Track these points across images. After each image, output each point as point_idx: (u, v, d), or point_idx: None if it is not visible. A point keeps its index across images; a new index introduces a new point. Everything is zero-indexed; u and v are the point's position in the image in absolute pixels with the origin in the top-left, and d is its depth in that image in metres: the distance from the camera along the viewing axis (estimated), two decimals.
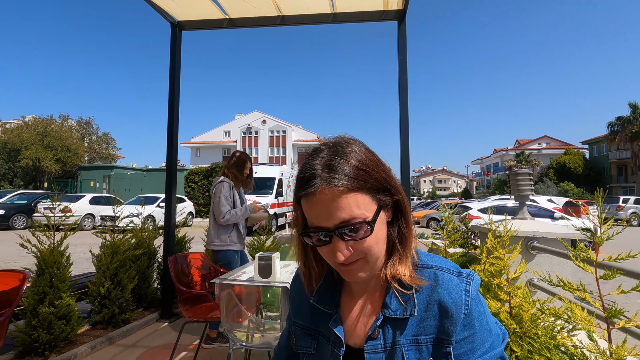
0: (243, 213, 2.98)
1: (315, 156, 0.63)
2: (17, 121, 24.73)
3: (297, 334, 0.76)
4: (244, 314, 2.20)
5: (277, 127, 41.87)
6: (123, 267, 3.33)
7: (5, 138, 22.45)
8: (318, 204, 0.60)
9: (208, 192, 18.80)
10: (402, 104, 3.35)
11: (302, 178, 0.62)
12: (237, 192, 3.10)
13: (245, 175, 3.15)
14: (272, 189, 13.58)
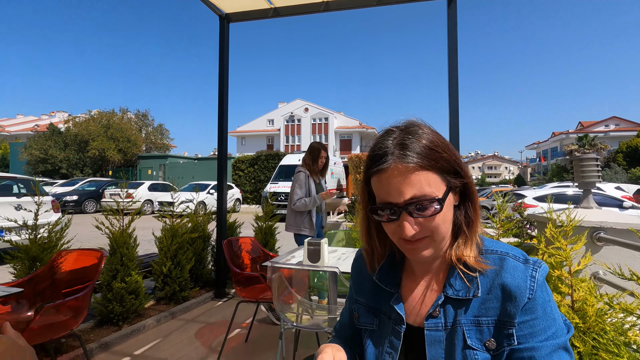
0: (312, 202, 3.11)
1: (387, 136, 0.65)
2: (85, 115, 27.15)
3: (359, 311, 0.80)
4: (294, 296, 2.29)
5: (319, 114, 41.93)
6: (181, 249, 3.60)
7: (76, 131, 24.82)
8: (389, 180, 0.62)
9: (254, 179, 19.50)
10: (452, 87, 3.20)
11: (375, 156, 0.65)
12: (315, 181, 3.25)
13: (319, 164, 3.25)
14: None
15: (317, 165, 3.25)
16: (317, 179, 3.30)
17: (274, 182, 13.65)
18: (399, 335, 0.69)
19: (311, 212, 3.21)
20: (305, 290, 2.65)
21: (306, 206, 3.12)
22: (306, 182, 3.17)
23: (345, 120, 42.63)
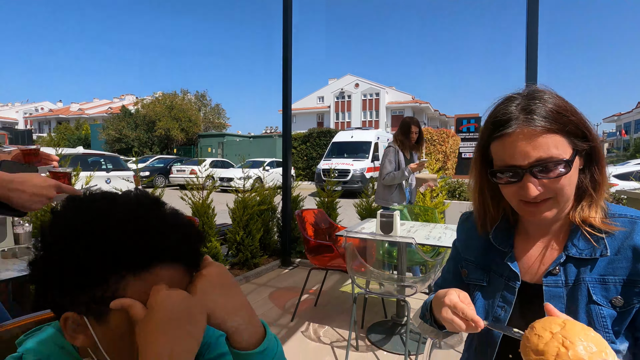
0: (400, 175, 3.11)
1: (510, 102, 0.69)
2: (150, 97, 29.27)
3: (468, 268, 0.86)
4: (365, 265, 2.41)
5: (370, 89, 40.92)
6: (252, 219, 3.89)
7: (144, 112, 26.96)
8: (514, 144, 0.66)
9: (306, 157, 19.84)
10: (531, 52, 2.98)
11: (497, 121, 0.68)
12: (406, 157, 3.26)
13: (412, 139, 3.23)
14: (369, 153, 13.62)
15: (409, 140, 3.22)
16: (409, 154, 3.30)
17: (326, 159, 13.81)
18: (513, 291, 0.75)
19: (401, 185, 3.23)
20: (373, 261, 2.76)
21: (394, 179, 3.14)
22: (396, 156, 3.19)
23: (397, 95, 41.18)
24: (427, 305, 0.87)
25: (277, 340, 0.57)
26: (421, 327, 0.94)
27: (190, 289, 0.50)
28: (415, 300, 2.86)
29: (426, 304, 0.88)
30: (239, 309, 0.53)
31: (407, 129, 3.22)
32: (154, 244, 0.47)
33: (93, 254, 0.45)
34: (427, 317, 0.87)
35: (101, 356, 0.49)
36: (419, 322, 0.94)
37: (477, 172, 0.79)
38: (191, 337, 0.45)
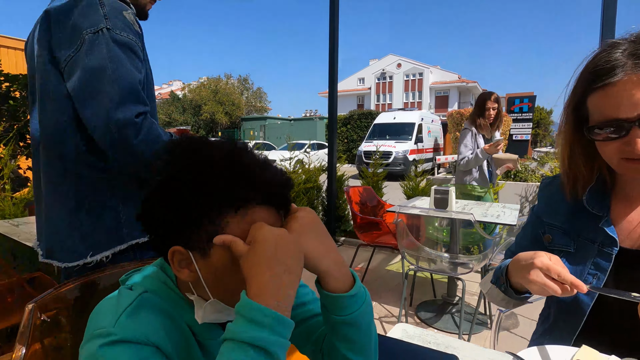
0: (475, 159, 2.86)
1: (614, 49, 0.62)
2: (196, 82, 30.39)
3: (553, 233, 0.81)
4: (415, 242, 2.37)
5: (413, 69, 39.35)
6: (298, 197, 3.96)
7: (191, 97, 28.12)
8: (619, 94, 0.60)
9: (347, 139, 19.71)
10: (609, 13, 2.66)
11: (599, 71, 0.62)
12: (486, 137, 2.99)
13: (487, 117, 2.88)
14: (412, 134, 13.23)
15: (485, 118, 2.87)
16: (488, 133, 2.98)
17: (368, 141, 13.62)
18: (609, 258, 0.69)
19: (481, 169, 2.95)
20: (424, 239, 2.70)
21: (468, 164, 2.89)
22: (472, 139, 2.90)
23: (441, 75, 39.27)
24: (502, 269, 0.83)
25: (366, 291, 0.57)
26: (490, 294, 0.90)
27: (287, 229, 0.50)
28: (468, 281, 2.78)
29: (501, 269, 0.84)
30: (330, 251, 0.53)
31: (482, 105, 2.87)
32: (251, 184, 0.48)
33: (198, 193, 0.47)
34: (501, 282, 0.82)
35: (200, 291, 0.52)
36: (488, 288, 0.90)
37: (568, 132, 0.73)
38: (293, 272, 0.46)
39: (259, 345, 0.39)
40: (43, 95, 0.99)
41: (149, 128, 0.92)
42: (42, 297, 0.80)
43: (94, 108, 0.89)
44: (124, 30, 0.93)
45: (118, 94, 0.88)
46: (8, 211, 2.05)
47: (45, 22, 0.95)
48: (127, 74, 0.90)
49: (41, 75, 0.98)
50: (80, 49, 0.90)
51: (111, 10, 0.92)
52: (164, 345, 0.47)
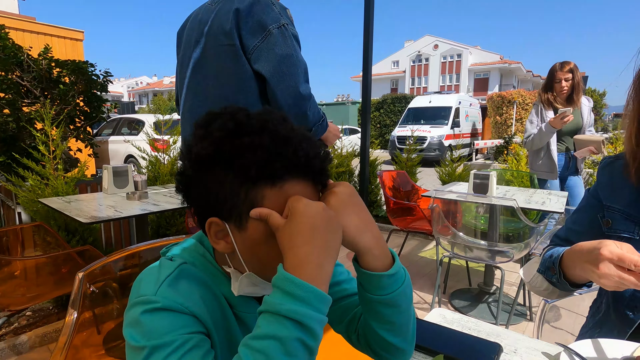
0: (539, 135, 2.49)
1: None
2: None
3: (613, 217, 0.74)
4: (450, 228, 2.29)
5: (451, 50, 37.54)
6: None
7: None
8: None
9: (379, 124, 19.33)
10: None
11: None
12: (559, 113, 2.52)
13: (558, 90, 2.47)
14: (448, 119, 12.70)
15: (554, 92, 2.48)
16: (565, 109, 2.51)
17: (401, 126, 13.27)
18: None
19: (550, 150, 2.55)
20: (460, 225, 2.61)
21: (533, 142, 2.56)
22: (539, 114, 2.55)
23: (482, 56, 37.18)
24: (555, 259, 0.76)
25: (406, 272, 0.55)
26: (532, 283, 0.85)
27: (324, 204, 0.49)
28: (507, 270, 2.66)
29: (552, 258, 0.77)
30: (370, 228, 0.51)
31: (550, 77, 2.47)
32: (288, 155, 0.47)
33: (234, 165, 0.46)
34: (552, 273, 0.76)
35: (236, 263, 0.52)
36: (532, 277, 0.84)
37: (636, 106, 0.66)
38: (330, 246, 0.45)
39: (296, 319, 0.39)
40: (219, 74, 1.22)
41: (314, 103, 1.25)
42: (91, 267, 0.85)
43: (286, 86, 1.15)
44: (291, 24, 1.22)
45: (301, 75, 1.17)
46: (61, 189, 2.21)
47: (235, 18, 1.17)
48: (301, 59, 1.20)
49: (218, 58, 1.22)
50: (266, 39, 1.15)
51: (280, 9, 1.20)
52: (202, 315, 0.48)
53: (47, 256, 1.77)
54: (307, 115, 1.22)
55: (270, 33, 1.15)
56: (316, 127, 1.29)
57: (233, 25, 1.17)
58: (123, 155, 7.16)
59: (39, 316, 2.10)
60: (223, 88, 1.22)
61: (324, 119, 1.33)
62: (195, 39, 1.27)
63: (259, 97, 1.22)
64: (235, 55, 1.18)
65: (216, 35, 1.21)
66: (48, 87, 3.38)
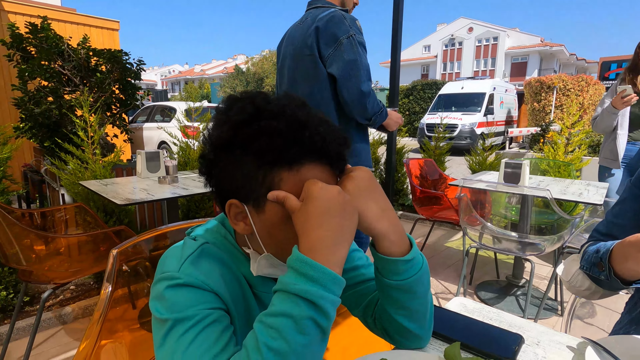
0: (602, 118, 2.26)
1: None
2: (259, 55, 30.97)
3: None
4: (479, 219, 2.22)
5: (487, 33, 35.68)
6: None
7: (254, 70, 28.85)
8: None
9: (408, 111, 18.85)
10: None
11: None
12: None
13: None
14: (481, 106, 12.16)
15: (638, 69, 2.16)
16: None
17: (431, 113, 12.86)
18: None
19: (616, 135, 2.27)
20: (489, 215, 2.53)
21: (596, 124, 2.32)
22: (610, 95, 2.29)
23: (520, 39, 35.10)
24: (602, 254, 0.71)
25: (424, 258, 0.54)
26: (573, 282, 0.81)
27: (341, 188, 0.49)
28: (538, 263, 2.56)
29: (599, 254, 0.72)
30: (387, 213, 0.51)
31: (636, 54, 2.15)
32: (305, 139, 0.47)
33: (252, 148, 0.47)
34: (600, 269, 0.71)
35: (255, 244, 0.53)
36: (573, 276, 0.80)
37: None
38: (345, 230, 0.45)
39: (309, 299, 0.39)
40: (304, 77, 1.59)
41: (374, 97, 1.54)
42: (124, 245, 0.90)
43: (350, 85, 1.47)
44: (359, 33, 1.52)
45: (363, 76, 1.48)
46: (99, 173, 2.33)
47: (315, 34, 1.51)
48: (365, 62, 1.50)
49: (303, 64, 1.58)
50: (338, 48, 1.48)
51: (350, 21, 1.51)
52: (222, 292, 0.50)
53: (87, 234, 1.89)
54: (367, 108, 1.51)
55: (341, 43, 1.48)
56: (375, 116, 1.57)
57: (314, 40, 1.52)
58: (156, 141, 7.44)
59: (81, 290, 2.26)
60: (308, 87, 1.58)
61: (382, 110, 1.59)
62: (289, 52, 1.66)
63: (332, 93, 1.55)
64: (314, 63, 1.55)
65: (302, 48, 1.58)
66: (86, 76, 3.55)
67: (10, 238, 1.54)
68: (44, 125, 3.39)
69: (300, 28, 1.60)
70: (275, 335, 0.38)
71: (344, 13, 1.53)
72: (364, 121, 1.58)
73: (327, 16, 1.50)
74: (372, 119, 1.56)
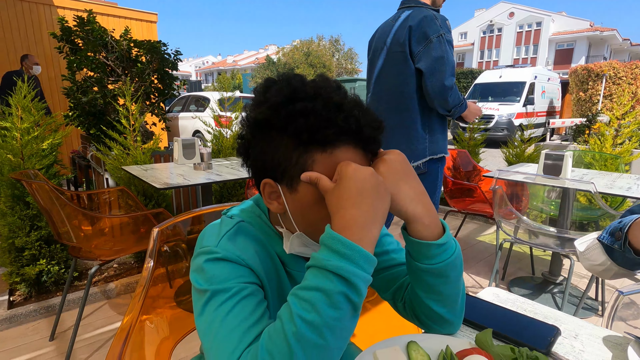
0: None
1: None
2: (290, 46, 31.01)
3: None
4: (514, 212, 2.14)
5: (529, 18, 33.59)
6: None
7: (284, 60, 28.96)
8: None
9: None
10: None
11: None
12: None
13: None
14: (521, 95, 11.53)
15: None
16: None
17: None
18: None
19: None
20: (524, 210, 2.42)
21: None
22: None
23: (567, 23, 32.78)
24: (623, 224, 0.65)
25: (457, 243, 0.53)
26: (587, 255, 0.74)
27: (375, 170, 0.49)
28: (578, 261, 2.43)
29: (620, 224, 0.67)
30: (420, 197, 0.51)
31: None
32: (339, 122, 0.47)
33: (288, 129, 0.48)
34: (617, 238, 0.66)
35: (288, 224, 0.55)
36: (588, 248, 0.75)
37: None
38: (377, 211, 0.45)
39: (342, 275, 0.40)
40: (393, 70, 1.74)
41: (455, 91, 1.65)
42: (165, 224, 0.95)
43: (435, 80, 1.60)
44: (448, 33, 1.64)
45: (447, 71, 1.60)
46: (139, 158, 2.46)
47: (408, 33, 1.65)
48: (451, 59, 1.62)
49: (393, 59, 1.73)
50: (428, 46, 1.60)
51: (441, 21, 1.63)
52: (256, 268, 0.52)
53: (128, 216, 2.01)
54: (448, 100, 1.63)
55: (431, 41, 1.60)
56: (455, 108, 1.68)
57: (406, 37, 1.65)
58: (191, 130, 7.70)
59: (122, 268, 2.42)
60: (395, 79, 1.74)
61: (462, 102, 1.70)
62: (380, 47, 1.80)
63: (416, 86, 1.69)
64: (404, 58, 1.68)
65: (394, 45, 1.72)
66: (128, 66, 3.72)
67: (63, 217, 1.67)
68: (90, 114, 3.61)
69: (393, 26, 1.76)
70: (309, 308, 0.40)
71: (435, 13, 1.66)
72: (445, 112, 1.71)
73: (420, 16, 1.64)
74: (451, 110, 1.69)
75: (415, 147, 1.75)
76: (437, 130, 1.78)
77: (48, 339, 1.77)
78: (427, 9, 1.68)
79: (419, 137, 1.74)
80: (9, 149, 1.95)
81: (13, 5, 5.14)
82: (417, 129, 1.73)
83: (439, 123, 1.79)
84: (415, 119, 1.73)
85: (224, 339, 0.44)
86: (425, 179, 1.90)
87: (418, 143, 1.74)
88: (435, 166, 1.81)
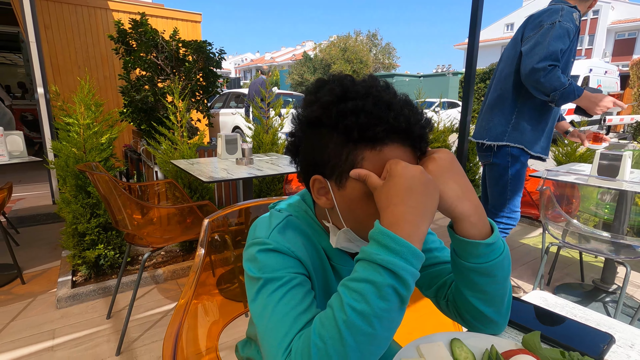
0: None
1: None
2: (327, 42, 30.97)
3: None
4: (563, 215, 2.02)
5: None
6: None
7: (321, 56, 29.00)
8: None
9: (482, 97, 17.45)
10: None
11: None
12: None
13: None
14: None
15: None
16: None
17: None
18: None
19: None
20: (574, 212, 2.28)
21: None
22: None
23: (628, 10, 29.94)
24: None
25: (505, 244, 0.53)
26: None
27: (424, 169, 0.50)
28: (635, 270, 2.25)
29: None
30: (468, 196, 0.51)
31: None
32: (389, 120, 0.49)
33: (338, 126, 0.50)
34: None
35: (335, 219, 0.57)
36: None
37: None
38: (426, 208, 0.46)
39: (391, 269, 0.42)
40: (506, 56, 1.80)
41: (552, 74, 1.54)
42: (215, 215, 1.01)
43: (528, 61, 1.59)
44: (569, 22, 1.58)
45: (542, 55, 1.55)
46: (186, 153, 2.61)
47: (527, 20, 1.70)
48: (555, 45, 1.55)
49: (510, 46, 1.78)
50: (537, 32, 1.61)
51: (566, 13, 1.60)
52: (304, 260, 0.55)
53: (176, 207, 2.14)
54: (540, 81, 1.55)
55: (542, 27, 1.60)
56: (554, 93, 1.57)
57: (524, 25, 1.71)
58: (231, 126, 7.97)
59: (169, 256, 2.58)
60: (503, 64, 1.81)
61: (566, 88, 1.55)
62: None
63: (515, 68, 1.72)
64: (516, 44, 1.73)
65: (518, 32, 1.76)
66: (176, 65, 3.92)
67: (120, 206, 1.81)
68: (142, 110, 3.85)
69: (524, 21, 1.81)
70: (359, 298, 0.42)
71: (568, 8, 1.62)
72: (543, 97, 1.62)
73: (547, 7, 1.67)
74: (550, 95, 1.59)
75: (494, 125, 1.75)
76: (529, 119, 1.72)
77: (105, 317, 1.94)
78: (565, 5, 1.65)
79: (501, 117, 1.73)
80: (73, 142, 2.14)
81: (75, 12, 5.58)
82: (504, 109, 1.73)
83: (534, 113, 1.72)
84: (506, 99, 1.73)
85: (277, 324, 0.47)
86: (492, 169, 1.84)
87: (499, 123, 1.74)
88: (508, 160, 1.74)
